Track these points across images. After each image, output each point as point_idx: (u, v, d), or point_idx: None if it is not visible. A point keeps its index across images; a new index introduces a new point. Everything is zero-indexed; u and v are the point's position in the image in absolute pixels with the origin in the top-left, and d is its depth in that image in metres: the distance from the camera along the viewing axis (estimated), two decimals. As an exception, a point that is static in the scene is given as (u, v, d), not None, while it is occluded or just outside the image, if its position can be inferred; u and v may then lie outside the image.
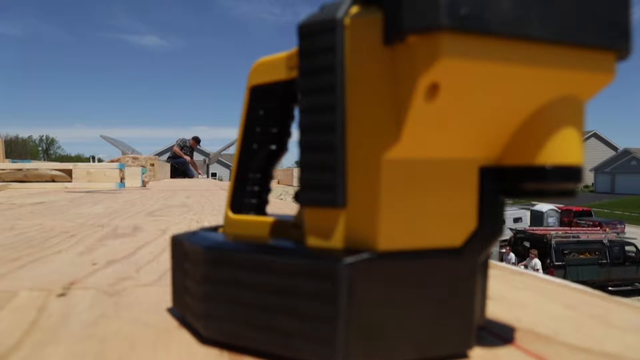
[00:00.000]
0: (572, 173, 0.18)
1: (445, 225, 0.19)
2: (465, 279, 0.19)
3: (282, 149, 0.25)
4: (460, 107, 0.17)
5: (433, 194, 0.19)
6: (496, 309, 0.28)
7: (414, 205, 0.19)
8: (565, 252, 7.48)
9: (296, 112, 0.24)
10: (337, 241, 0.19)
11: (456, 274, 0.19)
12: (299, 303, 0.18)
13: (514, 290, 0.34)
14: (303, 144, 0.19)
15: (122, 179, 2.30)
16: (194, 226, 0.72)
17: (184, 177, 5.42)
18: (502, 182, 0.19)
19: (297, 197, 0.20)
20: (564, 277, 6.59)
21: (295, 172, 3.17)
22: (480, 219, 0.20)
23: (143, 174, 2.53)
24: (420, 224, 0.19)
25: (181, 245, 0.24)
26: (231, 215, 0.25)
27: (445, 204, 0.19)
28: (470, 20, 0.15)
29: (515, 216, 10.42)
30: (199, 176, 5.79)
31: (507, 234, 8.75)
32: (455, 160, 0.19)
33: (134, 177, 2.45)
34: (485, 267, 0.21)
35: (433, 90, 0.16)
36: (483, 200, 0.19)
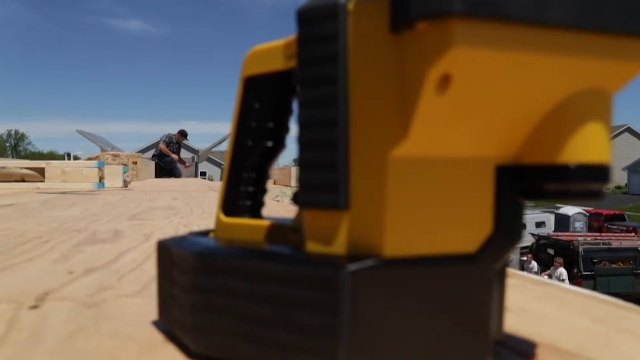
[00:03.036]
0: (598, 172, 0.19)
1: (458, 229, 0.19)
2: (481, 289, 0.20)
3: (280, 145, 0.25)
4: (474, 100, 0.17)
5: (444, 195, 0.19)
6: (515, 322, 0.28)
7: (423, 207, 0.19)
8: (595, 260, 7.47)
9: (295, 106, 0.25)
10: (339, 247, 0.20)
11: (470, 282, 0.20)
12: (298, 314, 0.19)
13: (535, 302, 0.34)
14: (302, 141, 0.20)
15: (101, 178, 2.30)
16: (181, 230, 0.72)
17: (170, 177, 5.43)
18: (521, 182, 0.20)
19: (296, 198, 0.21)
20: (594, 288, 6.58)
21: (294, 171, 3.17)
22: (496, 223, 0.20)
23: (124, 173, 2.54)
24: (431, 228, 0.19)
25: (168, 251, 0.24)
26: (223, 218, 0.26)
27: (457, 206, 0.19)
28: (484, 5, 0.15)
29: (538, 220, 10.41)
30: (186, 167, 5.79)
31: (528, 240, 8.74)
32: (469, 159, 0.19)
33: (114, 176, 2.45)
34: (502, 275, 0.21)
35: (444, 81, 0.16)
36: (500, 202, 0.20)
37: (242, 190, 0.26)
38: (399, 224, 0.19)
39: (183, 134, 5.81)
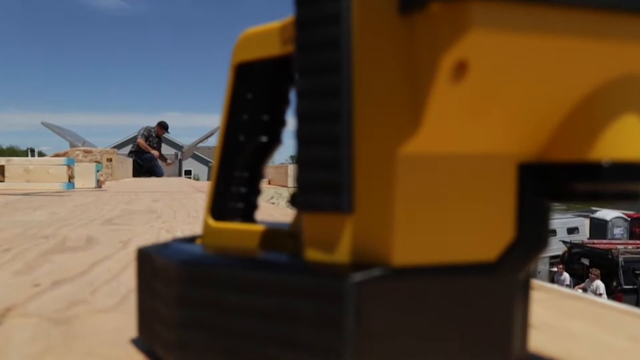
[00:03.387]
0: (635, 170, 0.19)
1: (476, 235, 0.20)
2: (502, 302, 0.20)
3: (275, 141, 0.26)
4: (494, 90, 0.18)
5: (460, 196, 0.19)
6: (542, 341, 0.29)
7: (436, 210, 0.19)
8: (638, 272, 7.46)
9: (292, 96, 0.25)
10: (342, 254, 0.20)
11: (490, 295, 0.20)
12: (296, 330, 0.19)
13: (564, 318, 0.34)
14: (301, 135, 0.20)
15: (70, 178, 2.31)
16: (164, 237, 0.73)
17: (151, 176, 5.43)
18: (547, 182, 0.20)
19: (294, 200, 0.21)
20: (636, 304, 6.57)
21: (291, 169, 3.17)
22: (519, 228, 0.20)
23: (98, 171, 2.54)
24: (445, 234, 0.19)
25: (150, 260, 0.25)
26: (212, 223, 0.26)
27: (475, 208, 0.20)
28: (505, -17, 0.16)
29: (570, 225, 10.38)
30: (168, 164, 5.79)
31: (559, 249, 8.72)
32: (488, 156, 0.19)
33: (86, 175, 2.45)
34: (526, 287, 0.22)
35: (460, 69, 0.17)
36: (523, 204, 0.20)
37: (233, 191, 0.26)
38: (409, 228, 0.19)
39: (164, 126, 5.81)
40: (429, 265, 0.19)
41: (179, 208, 1.27)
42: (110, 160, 3.88)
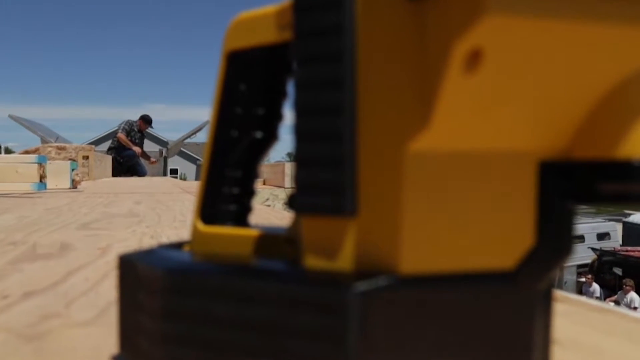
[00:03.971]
0: None
1: (492, 240, 0.20)
2: (520, 315, 0.20)
3: (271, 137, 0.26)
4: (511, 81, 0.18)
5: (475, 197, 0.20)
6: (566, 358, 0.29)
7: (448, 212, 0.19)
8: (677, 283, 7.43)
9: (290, 88, 0.25)
10: (345, 261, 0.20)
11: (507, 307, 0.20)
12: (294, 345, 0.19)
13: (593, 334, 0.35)
14: (299, 131, 0.20)
15: (42, 177, 2.31)
16: (147, 243, 0.73)
17: (132, 175, 5.44)
18: (571, 182, 0.20)
19: (292, 202, 0.21)
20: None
21: (288, 168, 3.17)
22: (540, 233, 0.20)
23: (73, 170, 2.54)
24: (458, 239, 0.20)
25: (133, 269, 0.25)
26: (201, 227, 0.26)
27: (491, 211, 0.20)
28: (524, -37, 0.16)
29: (601, 231, 10.34)
30: (151, 163, 5.79)
31: (588, 256, 8.68)
32: (506, 153, 0.20)
33: (59, 174, 2.46)
34: (548, 298, 0.22)
35: (474, 58, 0.17)
36: (544, 206, 0.20)
37: (225, 193, 0.26)
38: (418, 233, 0.19)
39: (147, 120, 5.81)
40: (440, 273, 0.19)
41: (163, 211, 1.27)
42: (86, 157, 3.89)
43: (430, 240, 0.19)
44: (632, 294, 6.92)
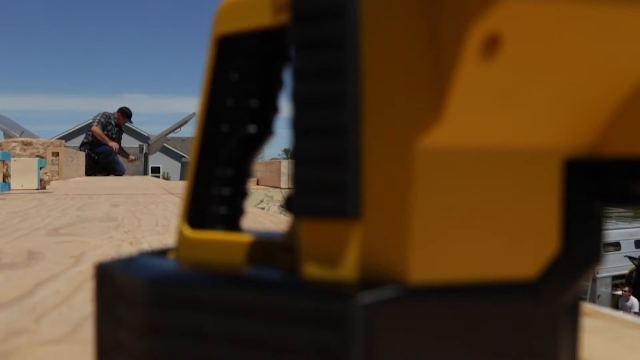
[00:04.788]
0: None
1: (512, 246, 0.20)
2: (543, 330, 0.20)
3: (266, 131, 0.26)
4: (533, 70, 0.18)
5: (492, 199, 0.20)
6: (595, 379, 0.29)
7: (463, 215, 0.20)
8: None
9: (287, 77, 0.25)
10: (348, 270, 0.20)
11: (528, 321, 0.20)
12: (292, 363, 0.19)
13: (627, 352, 0.35)
14: (298, 125, 0.20)
15: (5, 176, 2.31)
16: (126, 250, 0.73)
17: (109, 174, 5.43)
18: (601, 181, 0.20)
19: (289, 204, 0.21)
20: None
21: (285, 166, 3.18)
22: (565, 238, 0.21)
23: (41, 168, 2.54)
24: (473, 245, 0.20)
25: (111, 279, 0.25)
26: (188, 232, 0.26)
27: (510, 214, 0.20)
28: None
29: (639, 237, 10.31)
30: (130, 161, 5.78)
31: (624, 266, 8.65)
32: (527, 150, 0.20)
33: (25, 173, 2.45)
34: (574, 312, 0.22)
35: (492, 44, 0.17)
36: (570, 208, 0.20)
37: (214, 194, 0.26)
38: (429, 238, 0.19)
39: (126, 114, 5.81)
40: (454, 283, 0.20)
41: (144, 214, 1.28)
42: (56, 154, 3.89)
43: (443, 247, 0.19)
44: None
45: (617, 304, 7.50)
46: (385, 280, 0.19)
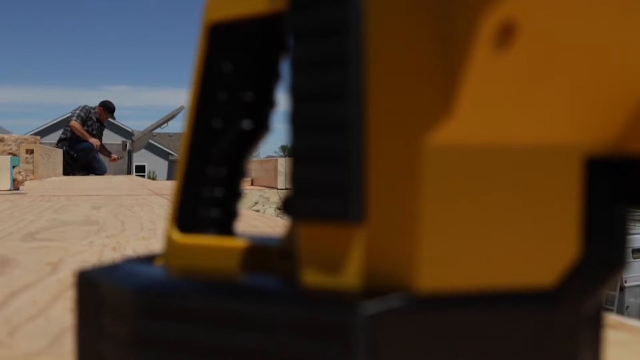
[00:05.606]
0: None
1: (528, 252, 0.20)
2: (561, 342, 0.21)
3: (261, 127, 0.26)
4: (551, 60, 0.18)
5: (507, 200, 0.20)
6: (620, 397, 0.29)
7: (475, 218, 0.20)
8: None
9: (285, 68, 0.26)
10: (350, 277, 0.20)
11: (546, 332, 0.20)
12: (290, 378, 0.19)
13: (655, 368, 0.35)
14: (296, 120, 0.20)
15: (-25, 176, 2.30)
16: (109, 256, 0.73)
17: (89, 173, 5.42)
18: (625, 181, 0.20)
19: (287, 206, 0.22)
20: None
21: (282, 165, 3.17)
22: (586, 243, 0.21)
23: (14, 167, 2.54)
24: (486, 250, 0.20)
25: (93, 288, 0.25)
26: (177, 237, 0.27)
27: (527, 217, 0.20)
28: None
29: (670, 243, 10.26)
30: (112, 160, 5.77)
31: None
32: (544, 147, 0.20)
33: (-4, 173, 2.45)
34: (596, 323, 0.22)
35: (506, 33, 0.17)
36: (591, 211, 0.21)
37: (206, 195, 0.26)
38: (439, 243, 0.19)
39: (108, 108, 5.79)
40: (465, 292, 0.20)
41: (128, 217, 1.28)
42: (31, 151, 3.88)
43: (454, 252, 0.20)
44: None
45: (648, 316, 7.48)
46: (391, 289, 0.19)
